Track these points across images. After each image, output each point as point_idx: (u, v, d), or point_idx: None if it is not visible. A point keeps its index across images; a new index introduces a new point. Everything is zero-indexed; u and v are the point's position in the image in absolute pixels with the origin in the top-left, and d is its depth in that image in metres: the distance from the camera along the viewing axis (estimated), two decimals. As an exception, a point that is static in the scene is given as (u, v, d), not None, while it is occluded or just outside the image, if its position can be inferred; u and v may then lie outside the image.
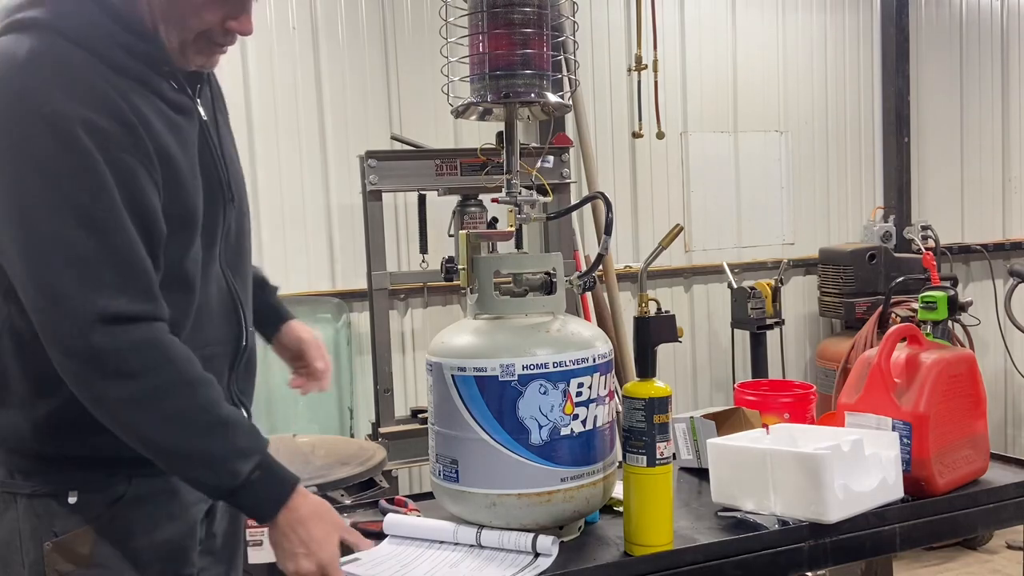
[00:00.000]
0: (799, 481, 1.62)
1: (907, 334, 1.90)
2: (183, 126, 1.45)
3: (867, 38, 5.23)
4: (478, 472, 1.57)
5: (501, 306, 1.64)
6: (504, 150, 1.74)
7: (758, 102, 4.96)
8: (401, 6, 4.16)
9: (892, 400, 1.79)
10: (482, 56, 1.68)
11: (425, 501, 1.83)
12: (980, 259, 5.46)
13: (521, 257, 1.72)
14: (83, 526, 1.42)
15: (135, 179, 1.34)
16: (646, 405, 1.53)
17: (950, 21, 5.42)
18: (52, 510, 1.42)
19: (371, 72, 4.11)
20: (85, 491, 1.42)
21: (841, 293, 4.72)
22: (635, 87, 4.47)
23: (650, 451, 1.53)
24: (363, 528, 1.72)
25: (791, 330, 4.98)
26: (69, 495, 1.42)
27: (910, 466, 1.76)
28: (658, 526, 1.55)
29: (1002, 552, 4.40)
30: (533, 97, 1.69)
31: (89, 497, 1.43)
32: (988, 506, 1.82)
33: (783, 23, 5.01)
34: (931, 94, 5.37)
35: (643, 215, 4.70)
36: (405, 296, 4.17)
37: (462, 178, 3.52)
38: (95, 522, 1.42)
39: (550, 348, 1.56)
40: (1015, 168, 5.64)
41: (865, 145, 5.26)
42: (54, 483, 1.42)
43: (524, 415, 1.54)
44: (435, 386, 1.62)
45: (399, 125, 4.13)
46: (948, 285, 3.68)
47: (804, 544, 1.63)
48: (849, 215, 5.23)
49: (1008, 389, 5.56)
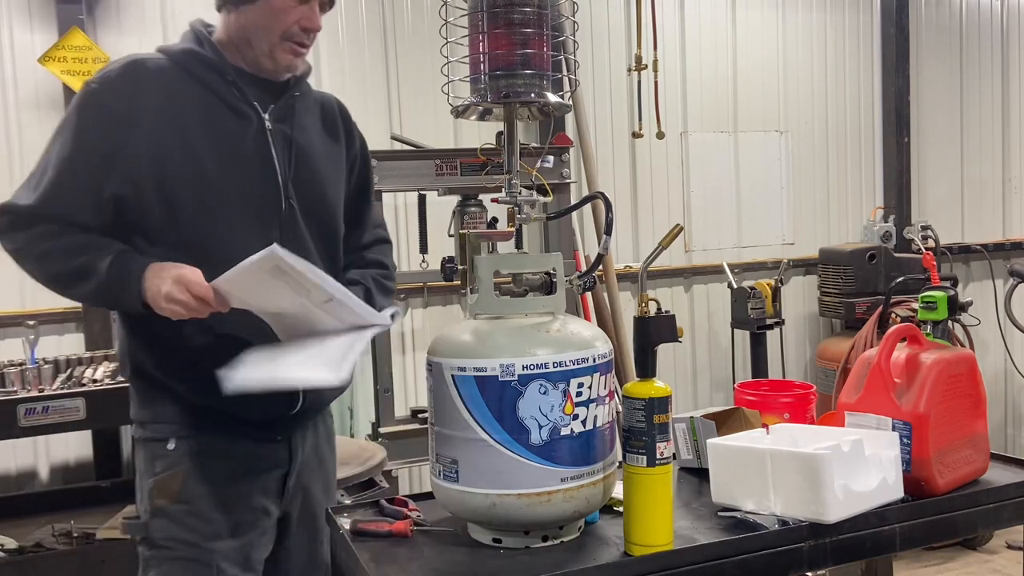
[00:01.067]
0: (799, 481, 1.62)
1: (907, 334, 1.90)
2: (231, 124, 1.82)
3: (867, 38, 5.24)
4: (478, 472, 1.57)
5: (501, 306, 1.64)
6: (504, 150, 1.74)
7: (758, 102, 4.96)
8: (401, 6, 4.17)
9: (892, 400, 1.79)
10: (482, 56, 1.68)
11: (425, 501, 1.83)
12: (980, 259, 5.46)
13: (521, 257, 1.72)
14: (176, 469, 1.81)
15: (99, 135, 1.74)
16: (646, 405, 1.53)
17: (950, 21, 5.42)
18: (156, 453, 1.83)
19: (371, 72, 4.11)
20: (179, 440, 1.82)
21: (841, 293, 4.72)
22: (635, 87, 4.47)
23: (650, 451, 1.53)
24: (363, 528, 1.72)
25: (791, 330, 4.99)
26: (168, 442, 1.82)
27: (910, 466, 1.76)
28: (658, 526, 1.55)
29: (1002, 552, 4.40)
30: (533, 97, 1.69)
31: (182, 445, 1.82)
32: (988, 506, 1.82)
33: (783, 23, 5.01)
34: (931, 94, 5.37)
35: (643, 215, 4.70)
36: (405, 296, 4.17)
37: (462, 178, 3.52)
38: (184, 466, 1.81)
39: (550, 348, 1.56)
40: (1015, 168, 5.64)
41: (865, 145, 5.26)
42: (159, 432, 1.83)
43: (524, 415, 1.54)
44: (435, 386, 1.62)
45: (399, 125, 4.13)
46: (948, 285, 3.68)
47: (804, 544, 1.63)
48: (849, 215, 5.23)
49: (1008, 389, 5.56)
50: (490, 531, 1.64)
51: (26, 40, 3.62)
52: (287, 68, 1.87)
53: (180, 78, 1.81)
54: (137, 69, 1.79)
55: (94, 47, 3.56)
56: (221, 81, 1.83)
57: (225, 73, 1.83)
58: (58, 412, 2.84)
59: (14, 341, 3.54)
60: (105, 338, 3.64)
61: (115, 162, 1.73)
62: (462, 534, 1.70)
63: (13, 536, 3.03)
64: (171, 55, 1.84)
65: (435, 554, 1.62)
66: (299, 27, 1.81)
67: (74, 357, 3.40)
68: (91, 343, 3.63)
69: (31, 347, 3.19)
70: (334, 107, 2.04)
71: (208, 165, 1.77)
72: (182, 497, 1.80)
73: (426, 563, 1.58)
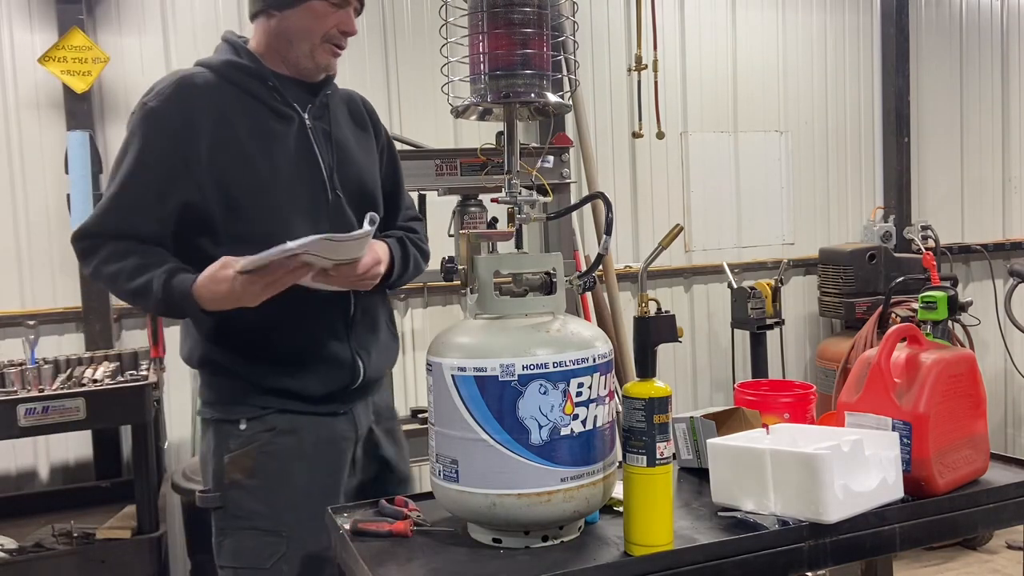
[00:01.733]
0: (799, 481, 1.62)
1: (907, 334, 1.90)
2: (276, 126, 1.96)
3: (867, 38, 5.24)
4: (478, 472, 1.57)
5: (501, 306, 1.64)
6: (504, 150, 1.74)
7: (758, 102, 4.96)
8: (401, 6, 4.17)
9: (892, 400, 1.79)
10: (482, 56, 1.68)
11: (425, 501, 1.83)
12: (980, 259, 5.46)
13: (521, 257, 1.72)
14: (249, 446, 1.94)
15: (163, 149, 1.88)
16: (646, 405, 1.53)
17: (950, 21, 5.42)
18: (229, 433, 1.96)
19: (371, 72, 4.11)
20: (250, 421, 1.95)
21: (841, 293, 4.72)
22: (635, 87, 4.47)
23: (650, 451, 1.53)
24: (363, 528, 1.72)
25: (791, 330, 4.99)
26: (240, 423, 1.95)
27: (910, 466, 1.76)
28: (658, 526, 1.55)
29: (1002, 552, 4.40)
30: (533, 97, 1.69)
31: (253, 424, 1.95)
32: (988, 506, 1.82)
33: (783, 23, 5.01)
34: (931, 94, 5.37)
35: (643, 215, 4.70)
36: (405, 296, 4.17)
37: (462, 178, 3.52)
38: (256, 444, 1.94)
39: (550, 348, 1.56)
40: (1015, 168, 5.64)
41: (865, 145, 5.26)
42: (231, 414, 1.96)
43: (524, 415, 1.54)
44: (435, 386, 1.62)
45: (399, 125, 4.13)
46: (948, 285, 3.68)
47: (804, 544, 1.63)
48: (849, 215, 5.23)
49: (1008, 389, 5.56)
50: (490, 531, 1.64)
51: (26, 40, 3.63)
52: (326, 68, 2.02)
53: (225, 88, 1.94)
54: (187, 84, 1.92)
55: (94, 47, 3.56)
56: (263, 87, 1.96)
57: (265, 79, 1.97)
58: (58, 412, 2.84)
59: (14, 341, 3.55)
60: (105, 338, 3.65)
61: (180, 173, 1.88)
62: (462, 534, 1.70)
63: (13, 536, 3.04)
64: (213, 68, 1.97)
65: (435, 554, 1.62)
66: (337, 30, 1.96)
67: (74, 357, 3.40)
68: (91, 343, 3.64)
69: (31, 347, 3.20)
70: (358, 101, 2.20)
71: (260, 166, 1.92)
72: (255, 472, 1.94)
73: (426, 563, 1.58)
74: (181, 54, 3.83)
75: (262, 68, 1.98)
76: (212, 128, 1.89)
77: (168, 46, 3.82)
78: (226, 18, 3.89)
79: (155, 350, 3.39)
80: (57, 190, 3.63)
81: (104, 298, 3.67)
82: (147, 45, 3.80)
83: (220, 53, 2.02)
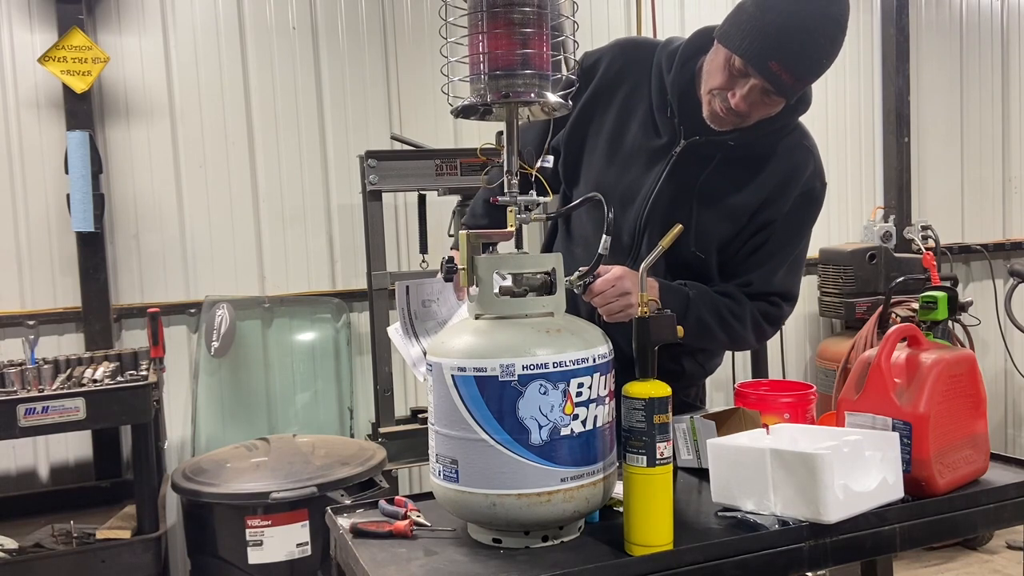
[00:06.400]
0: (799, 481, 1.62)
1: (907, 334, 1.89)
2: (649, 140, 2.09)
3: (867, 38, 5.23)
4: (478, 472, 1.57)
5: (501, 306, 1.64)
6: (504, 150, 1.74)
7: (758, 102, 4.95)
8: (401, 6, 4.17)
9: (892, 400, 1.79)
10: (482, 56, 1.68)
11: (425, 501, 1.83)
12: (980, 259, 5.46)
13: (521, 257, 1.72)
14: None
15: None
16: (646, 405, 1.53)
17: (950, 21, 5.42)
18: None
19: (371, 72, 4.11)
20: None
21: (841, 293, 4.72)
22: (635, 87, 4.46)
23: (650, 451, 1.53)
24: (363, 528, 1.72)
25: (791, 330, 4.98)
26: None
27: (910, 466, 1.76)
28: (658, 526, 1.55)
29: (1002, 552, 4.40)
30: (533, 97, 1.69)
31: None
32: (988, 506, 1.82)
33: (783, 23, 5.00)
34: (931, 94, 5.37)
35: (643, 215, 4.69)
36: (405, 296, 4.16)
37: (462, 178, 3.52)
38: None
39: (550, 348, 1.56)
40: (1015, 168, 5.64)
41: (865, 145, 5.26)
42: None
43: (524, 415, 1.54)
44: (435, 386, 1.62)
45: (399, 125, 4.13)
46: (948, 285, 3.68)
47: (804, 544, 1.63)
48: (849, 215, 5.23)
49: (1008, 389, 5.56)
50: (490, 531, 1.64)
51: (26, 40, 3.63)
52: (710, 119, 2.02)
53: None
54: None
55: (94, 47, 3.56)
56: (661, 98, 2.08)
57: (665, 93, 2.08)
58: (58, 412, 2.84)
59: (14, 341, 3.54)
60: (105, 338, 3.65)
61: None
62: (462, 534, 1.70)
63: (13, 536, 3.04)
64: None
65: (435, 554, 1.62)
66: (720, 96, 1.96)
67: (74, 357, 3.40)
68: (91, 343, 3.64)
69: (31, 347, 3.19)
70: (796, 178, 2.18)
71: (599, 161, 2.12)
72: None
73: (426, 563, 1.58)
74: (181, 54, 3.83)
75: (684, 79, 2.12)
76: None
77: (168, 46, 3.82)
78: (226, 18, 3.90)
79: (155, 350, 3.39)
80: (57, 190, 3.63)
81: (104, 298, 3.66)
82: (147, 45, 3.80)
83: (690, 45, 2.20)
